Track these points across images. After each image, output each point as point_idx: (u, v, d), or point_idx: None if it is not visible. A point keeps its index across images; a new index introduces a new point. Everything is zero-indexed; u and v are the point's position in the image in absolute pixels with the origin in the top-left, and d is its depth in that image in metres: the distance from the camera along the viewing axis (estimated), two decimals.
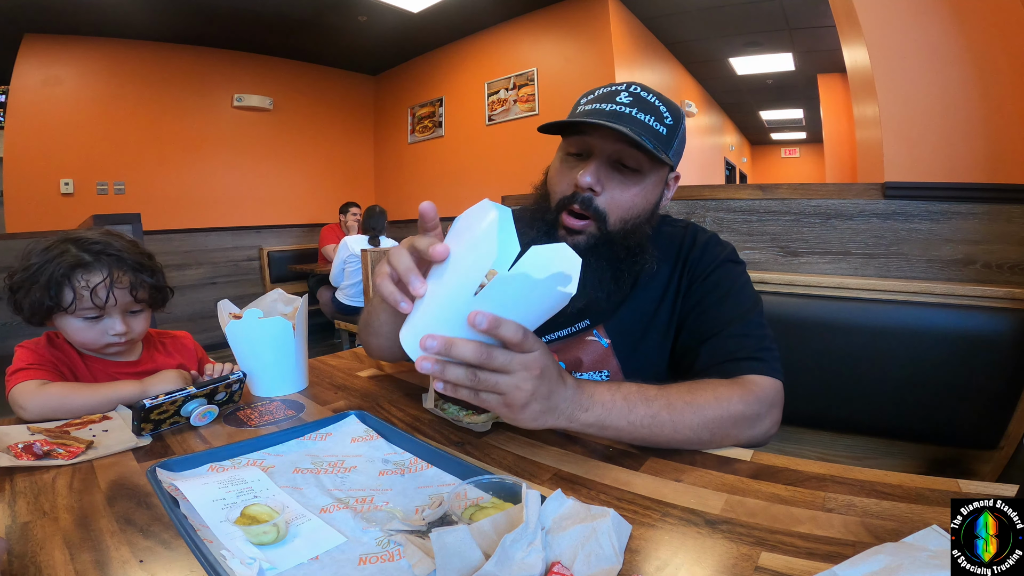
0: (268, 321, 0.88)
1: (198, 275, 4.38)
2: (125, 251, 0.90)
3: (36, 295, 0.83)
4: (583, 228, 0.78)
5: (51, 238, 0.89)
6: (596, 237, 0.78)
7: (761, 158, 9.60)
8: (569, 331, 0.87)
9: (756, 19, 4.20)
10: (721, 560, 0.43)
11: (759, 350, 0.73)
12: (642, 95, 0.77)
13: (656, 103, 0.77)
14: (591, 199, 0.76)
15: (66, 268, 0.84)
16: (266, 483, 0.56)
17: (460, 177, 4.76)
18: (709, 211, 1.65)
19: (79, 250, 0.86)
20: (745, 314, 0.77)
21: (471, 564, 0.39)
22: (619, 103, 0.76)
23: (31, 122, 3.73)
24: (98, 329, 0.88)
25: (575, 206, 0.77)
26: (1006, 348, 1.08)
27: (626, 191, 0.77)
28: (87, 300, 0.84)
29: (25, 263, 0.86)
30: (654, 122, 0.75)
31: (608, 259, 0.78)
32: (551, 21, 4.13)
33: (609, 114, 0.75)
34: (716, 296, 0.80)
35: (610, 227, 0.78)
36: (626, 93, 0.77)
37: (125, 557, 0.44)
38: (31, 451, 0.63)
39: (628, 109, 0.75)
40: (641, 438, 0.62)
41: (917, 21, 1.43)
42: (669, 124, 0.77)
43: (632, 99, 0.76)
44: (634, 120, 0.74)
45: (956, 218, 1.35)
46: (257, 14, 3.97)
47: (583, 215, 0.77)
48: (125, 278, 0.88)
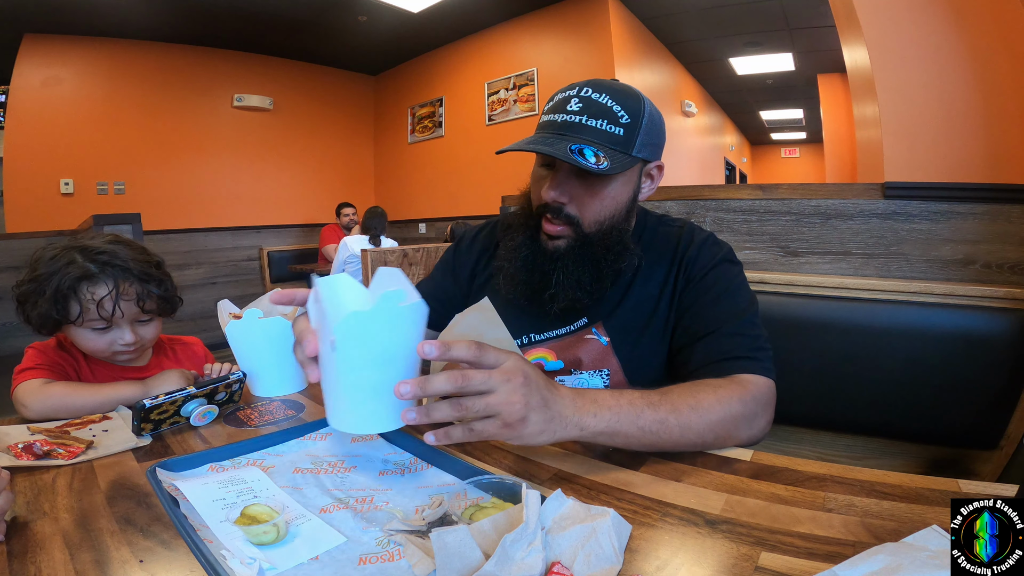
0: (268, 321, 0.88)
1: (198, 275, 4.38)
2: (131, 260, 0.88)
3: (43, 308, 0.82)
4: (560, 233, 0.81)
5: (58, 245, 0.87)
6: (574, 239, 0.81)
7: (761, 158, 9.60)
8: (567, 330, 0.87)
9: (756, 19, 4.20)
10: (721, 560, 0.43)
11: (754, 349, 0.73)
12: (592, 97, 0.75)
13: (608, 103, 0.75)
14: (561, 208, 0.79)
15: (71, 281, 0.82)
16: (266, 483, 0.56)
17: (460, 177, 4.76)
18: (709, 211, 1.65)
19: (85, 260, 0.84)
20: (740, 314, 0.77)
21: (471, 564, 0.39)
22: (569, 112, 0.75)
23: (31, 122, 3.73)
24: (107, 339, 0.87)
25: (549, 215, 0.80)
26: (1006, 348, 1.08)
27: (593, 196, 0.79)
28: (93, 312, 0.83)
29: (32, 273, 0.85)
30: (607, 125, 0.75)
31: (586, 260, 0.80)
32: (551, 21, 4.13)
33: (560, 126, 0.75)
34: (712, 295, 0.80)
35: (586, 230, 0.80)
36: (576, 99, 0.76)
37: (125, 557, 0.44)
38: (31, 451, 0.63)
39: (578, 118, 0.75)
40: (649, 444, 0.61)
41: (917, 21, 1.43)
42: (626, 123, 0.75)
43: (582, 105, 0.75)
44: (584, 128, 0.74)
45: (956, 218, 1.35)
46: (257, 14, 3.97)
47: (559, 223, 0.80)
48: (131, 290, 0.87)
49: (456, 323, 0.74)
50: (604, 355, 0.85)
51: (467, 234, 1.05)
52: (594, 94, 0.76)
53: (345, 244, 3.35)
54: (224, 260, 4.56)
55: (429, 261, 1.68)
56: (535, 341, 0.89)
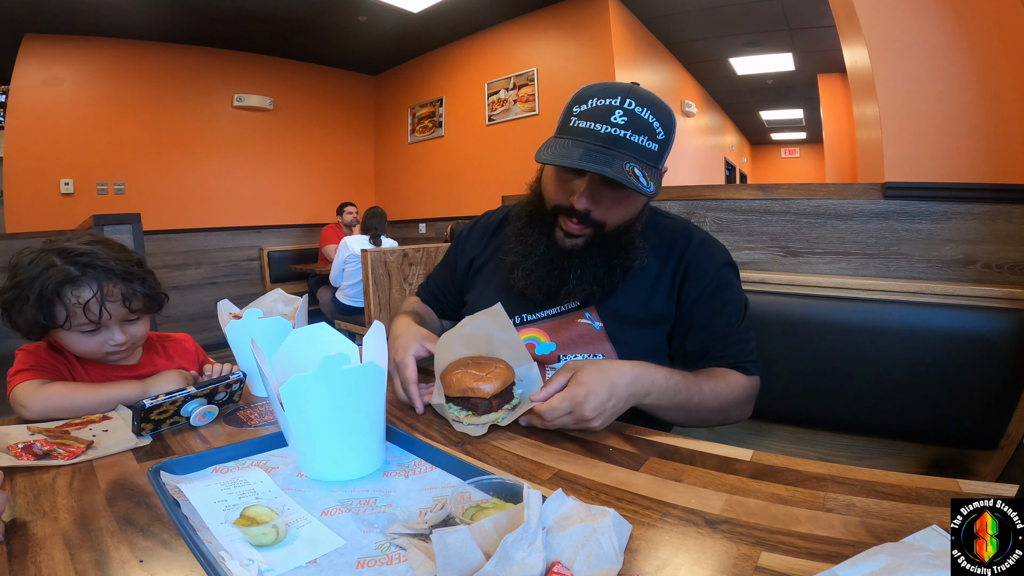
0: (268, 321, 0.88)
1: (198, 275, 4.37)
2: (112, 260, 0.86)
3: (29, 315, 0.81)
4: (581, 233, 0.83)
5: (34, 248, 0.85)
6: (592, 238, 0.84)
7: (761, 158, 9.59)
8: (559, 309, 0.90)
9: (756, 19, 4.20)
10: (721, 560, 0.43)
11: (748, 352, 0.86)
12: (636, 112, 0.75)
13: (650, 120, 0.76)
14: (587, 214, 0.80)
15: (54, 285, 0.80)
16: (268, 484, 0.56)
17: (460, 177, 4.76)
18: (709, 211, 1.65)
19: (65, 263, 0.82)
20: (740, 321, 0.87)
21: (472, 565, 0.38)
22: (614, 124, 0.75)
23: (31, 122, 3.73)
24: (97, 340, 0.86)
25: (573, 219, 0.81)
26: (1006, 348, 1.07)
27: (619, 205, 0.81)
28: (81, 316, 0.82)
29: (12, 280, 0.83)
30: (647, 141, 0.75)
31: (602, 257, 0.83)
32: (551, 21, 4.13)
33: (604, 138, 0.75)
34: (715, 304, 0.86)
35: (606, 232, 0.83)
36: (621, 112, 0.75)
37: (125, 557, 0.44)
38: (31, 451, 0.63)
39: (623, 132, 0.74)
40: (681, 418, 0.79)
41: (917, 21, 1.43)
42: (661, 139, 0.77)
43: (627, 119, 0.75)
44: (628, 144, 0.74)
45: (956, 218, 1.35)
46: (257, 14, 3.96)
47: (582, 226, 0.82)
48: (116, 290, 0.85)
49: (466, 324, 0.78)
50: (597, 339, 0.87)
51: (463, 231, 1.08)
52: (637, 108, 0.76)
53: (345, 244, 3.35)
54: (224, 260, 4.56)
55: (429, 261, 1.68)
56: (527, 321, 0.91)
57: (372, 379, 0.59)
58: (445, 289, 1.09)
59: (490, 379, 0.72)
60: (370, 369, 0.58)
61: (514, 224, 0.92)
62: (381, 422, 0.62)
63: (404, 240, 4.85)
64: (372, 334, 0.65)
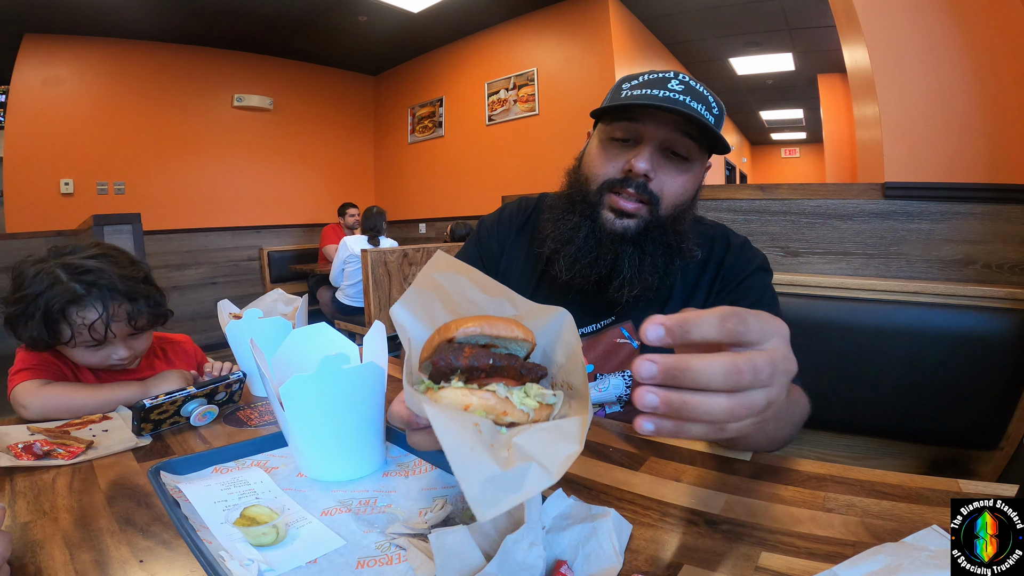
0: (268, 321, 0.88)
1: (198, 275, 4.37)
2: (118, 279, 0.85)
3: (34, 331, 0.81)
4: (636, 211, 0.75)
5: (38, 258, 0.85)
6: (648, 221, 0.75)
7: (761, 158, 9.59)
8: (594, 327, 0.84)
9: (756, 19, 4.20)
10: (721, 560, 0.43)
11: None
12: (691, 84, 0.75)
13: (705, 92, 0.75)
14: (645, 183, 0.74)
15: (60, 304, 0.80)
16: (269, 484, 0.56)
17: (460, 177, 4.76)
18: (709, 211, 1.65)
19: (71, 280, 0.82)
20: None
21: (471, 565, 0.38)
22: (672, 90, 0.73)
23: (31, 122, 3.73)
24: (101, 355, 0.86)
25: (629, 189, 0.74)
26: (1006, 348, 1.08)
27: (677, 177, 0.75)
28: (85, 335, 0.82)
29: (17, 291, 0.82)
30: (704, 111, 0.73)
31: (659, 244, 0.76)
32: (551, 21, 4.13)
33: (664, 100, 0.72)
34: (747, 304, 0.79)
35: (662, 212, 0.75)
36: (677, 81, 0.74)
37: (125, 557, 0.44)
38: (31, 451, 0.63)
39: (682, 96, 0.72)
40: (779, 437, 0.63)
41: (917, 21, 1.43)
42: (716, 114, 0.75)
43: (684, 87, 0.73)
44: (689, 108, 0.72)
45: (956, 218, 1.35)
46: (257, 14, 3.96)
47: (638, 199, 0.75)
48: (121, 310, 0.85)
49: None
50: (632, 357, 0.81)
51: (486, 223, 0.97)
52: (691, 81, 0.75)
53: (345, 244, 3.35)
54: (224, 260, 4.56)
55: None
56: None
57: (372, 379, 0.59)
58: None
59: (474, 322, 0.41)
60: (370, 369, 0.58)
61: (550, 212, 0.83)
62: (381, 422, 0.62)
63: (404, 240, 4.85)
64: (372, 334, 0.64)
